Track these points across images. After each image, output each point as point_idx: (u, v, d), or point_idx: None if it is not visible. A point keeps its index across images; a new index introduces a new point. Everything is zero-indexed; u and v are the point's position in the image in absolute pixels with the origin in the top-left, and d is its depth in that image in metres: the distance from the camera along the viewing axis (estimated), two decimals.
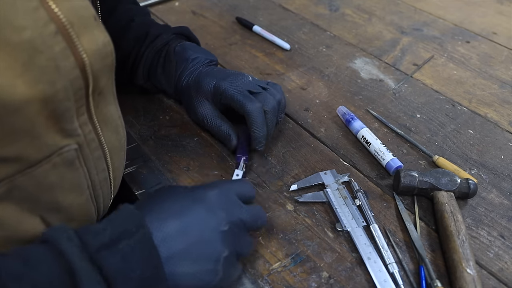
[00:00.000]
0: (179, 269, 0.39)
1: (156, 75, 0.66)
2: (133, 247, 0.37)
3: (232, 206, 0.43)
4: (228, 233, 0.41)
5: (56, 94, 0.34)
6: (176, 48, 0.65)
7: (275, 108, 0.59)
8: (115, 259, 0.35)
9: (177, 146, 0.63)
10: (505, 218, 0.55)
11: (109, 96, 0.43)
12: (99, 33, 0.37)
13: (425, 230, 0.54)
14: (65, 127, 0.37)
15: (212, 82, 0.60)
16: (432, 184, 0.55)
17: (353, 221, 0.53)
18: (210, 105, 0.61)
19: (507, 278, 0.49)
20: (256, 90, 0.59)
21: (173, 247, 0.39)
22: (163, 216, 0.40)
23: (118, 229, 0.37)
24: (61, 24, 0.34)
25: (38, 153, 0.36)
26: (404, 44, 0.88)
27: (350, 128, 0.66)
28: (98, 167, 0.43)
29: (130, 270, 0.36)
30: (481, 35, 0.91)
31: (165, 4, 0.98)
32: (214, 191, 0.44)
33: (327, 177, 0.58)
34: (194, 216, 0.41)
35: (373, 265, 0.49)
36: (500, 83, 0.78)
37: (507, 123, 0.70)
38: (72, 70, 0.35)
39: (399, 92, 0.75)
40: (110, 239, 0.36)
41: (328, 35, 0.90)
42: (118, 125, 0.46)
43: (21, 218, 0.39)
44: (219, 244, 0.41)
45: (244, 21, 0.91)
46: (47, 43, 0.32)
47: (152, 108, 0.70)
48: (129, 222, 0.38)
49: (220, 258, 0.40)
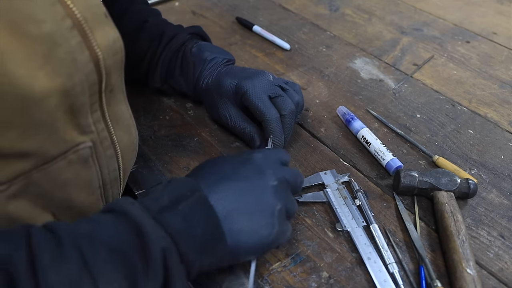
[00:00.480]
0: (237, 225, 0.40)
1: (174, 76, 0.67)
2: (192, 208, 0.39)
3: (275, 166, 0.46)
4: (277, 188, 0.43)
5: (74, 88, 0.35)
6: (193, 49, 0.66)
7: (293, 111, 0.60)
8: (176, 219, 0.38)
9: (177, 146, 0.63)
10: (505, 218, 0.55)
11: (119, 95, 0.44)
12: (110, 29, 0.39)
13: (425, 230, 0.54)
14: (80, 123, 0.38)
15: (234, 82, 0.60)
16: (432, 184, 0.55)
17: (353, 221, 0.53)
18: (233, 106, 0.62)
19: (507, 278, 0.49)
20: (276, 93, 0.59)
21: (228, 205, 0.41)
22: (215, 179, 0.42)
23: (174, 194, 0.40)
24: (76, 19, 0.35)
25: (55, 148, 0.37)
26: (404, 44, 0.88)
27: (350, 128, 0.66)
28: (110, 166, 0.44)
29: (192, 229, 0.38)
30: (481, 35, 0.91)
31: (165, 4, 0.98)
32: (259, 154, 0.46)
33: (327, 177, 0.58)
34: (244, 175, 0.43)
35: (373, 265, 0.49)
36: (500, 83, 0.78)
37: (507, 123, 0.70)
38: (87, 64, 0.36)
39: (399, 92, 0.75)
40: (169, 202, 0.39)
41: (328, 35, 0.90)
42: (130, 125, 0.47)
43: (34, 214, 0.39)
44: (271, 197, 0.42)
45: (244, 21, 0.91)
46: (64, 37, 0.34)
47: (152, 108, 0.70)
48: (184, 188, 0.40)
49: (275, 211, 0.42)
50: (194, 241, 0.38)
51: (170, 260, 0.36)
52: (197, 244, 0.38)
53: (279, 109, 0.59)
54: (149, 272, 0.35)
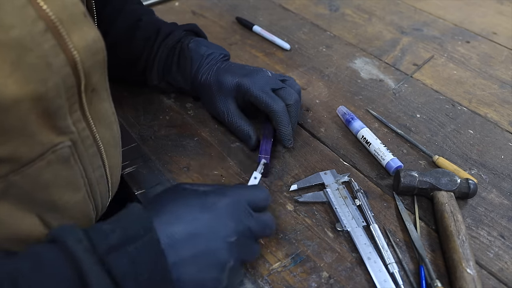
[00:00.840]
0: (185, 275, 0.39)
1: (171, 72, 0.67)
2: (140, 251, 0.36)
3: (241, 215, 0.43)
4: (234, 244, 0.41)
5: (48, 92, 0.34)
6: (190, 45, 0.65)
7: (298, 101, 0.61)
8: (123, 262, 0.35)
9: (177, 146, 0.63)
10: (505, 218, 0.55)
11: (103, 93, 0.43)
12: (89, 29, 0.37)
13: (425, 230, 0.54)
14: (58, 125, 0.37)
15: (234, 79, 0.61)
16: (432, 184, 0.55)
17: (353, 221, 0.53)
18: (232, 103, 0.62)
19: (507, 278, 0.49)
20: (278, 86, 0.61)
21: (180, 253, 0.39)
22: (171, 221, 0.40)
23: (126, 232, 0.37)
24: (50, 21, 0.33)
25: (32, 151, 0.36)
26: (404, 44, 0.88)
27: (350, 128, 0.66)
28: (93, 164, 0.43)
29: (138, 274, 0.36)
30: (481, 35, 0.91)
31: (165, 4, 0.98)
32: (225, 200, 0.43)
33: (327, 177, 0.58)
34: (202, 224, 0.41)
35: (373, 265, 0.49)
36: (500, 83, 0.78)
37: (507, 123, 0.70)
38: (63, 67, 0.35)
39: (399, 92, 0.75)
40: (118, 241, 0.36)
41: (328, 35, 0.90)
42: (112, 122, 0.46)
43: (17, 217, 0.39)
44: (225, 254, 0.40)
45: (244, 21, 0.91)
46: (36, 41, 0.32)
47: (152, 108, 0.70)
48: (137, 225, 0.38)
49: (226, 268, 0.40)
50: (139, 286, 0.36)
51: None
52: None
53: (284, 100, 0.60)
54: None
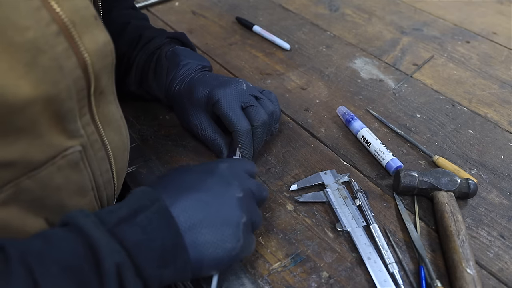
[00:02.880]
0: (201, 238, 0.39)
1: (148, 80, 0.64)
2: (151, 218, 0.37)
3: (241, 177, 0.45)
4: (243, 200, 0.42)
5: (59, 94, 0.34)
6: (168, 53, 0.63)
7: (266, 123, 0.57)
8: (134, 231, 0.36)
9: (177, 146, 0.63)
10: (505, 218, 0.55)
11: (110, 96, 0.43)
12: (100, 32, 0.38)
13: (425, 230, 0.54)
14: (68, 128, 0.37)
15: (206, 90, 0.58)
16: (432, 184, 0.55)
17: (353, 221, 0.53)
18: (204, 115, 0.59)
19: (507, 278, 0.49)
20: (249, 103, 0.57)
21: (192, 217, 0.39)
22: (178, 190, 0.41)
23: (133, 205, 0.38)
24: (63, 24, 0.34)
25: (42, 154, 0.36)
26: (404, 44, 0.88)
27: (350, 128, 0.66)
28: (101, 168, 0.43)
29: (150, 241, 0.36)
30: (481, 35, 0.91)
31: (165, 4, 0.98)
32: (225, 164, 0.45)
33: (327, 177, 0.58)
34: (209, 186, 0.42)
35: (373, 265, 0.49)
36: (500, 83, 0.78)
37: (507, 123, 0.70)
38: (75, 70, 0.35)
39: (399, 92, 0.75)
40: (127, 214, 0.37)
41: (328, 35, 0.90)
42: (121, 125, 0.46)
43: (25, 220, 0.39)
44: (237, 209, 0.41)
45: (244, 21, 0.91)
46: (49, 43, 0.33)
47: (152, 108, 0.70)
48: (143, 198, 0.39)
49: (240, 224, 0.41)
50: (152, 254, 0.36)
51: (125, 275, 0.34)
52: (156, 257, 0.36)
53: (251, 120, 0.56)
54: (104, 287, 0.33)
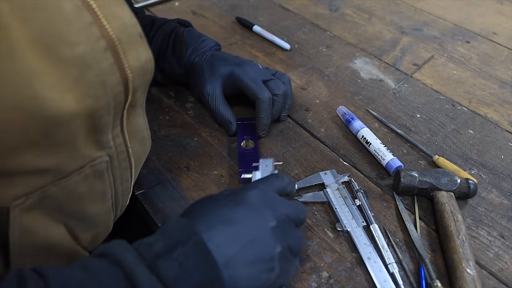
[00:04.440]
0: (237, 273, 0.38)
1: (166, 56, 0.68)
2: (188, 254, 0.36)
3: (275, 202, 0.42)
4: (277, 229, 0.40)
5: (100, 109, 0.35)
6: (185, 32, 0.68)
7: (286, 92, 0.64)
8: (172, 266, 0.35)
9: (177, 146, 0.63)
10: (505, 218, 0.55)
11: (139, 108, 0.44)
12: (144, 50, 0.39)
13: (425, 230, 0.54)
14: (100, 140, 0.38)
15: (228, 67, 0.63)
16: (432, 184, 0.55)
17: (353, 221, 0.53)
18: (220, 88, 0.64)
19: (507, 278, 0.49)
20: (268, 77, 0.64)
21: (227, 252, 0.38)
22: (210, 223, 0.39)
23: (170, 240, 0.37)
24: (111, 40, 0.35)
25: (73, 164, 0.37)
26: (404, 44, 0.88)
27: (350, 128, 0.66)
28: (123, 177, 0.44)
29: (189, 276, 0.35)
30: (481, 35, 0.91)
31: (165, 4, 0.98)
32: (254, 191, 0.42)
33: (327, 177, 0.58)
34: (241, 218, 0.40)
35: (373, 265, 0.48)
36: (500, 83, 0.78)
37: (507, 123, 0.70)
38: (117, 85, 0.36)
39: (399, 92, 0.75)
40: (164, 249, 0.36)
41: (328, 35, 0.90)
42: (145, 137, 0.47)
43: (47, 226, 0.39)
44: (271, 240, 0.40)
45: (244, 21, 0.91)
46: (97, 59, 0.33)
47: (152, 108, 0.70)
48: (179, 231, 0.38)
49: (275, 255, 0.39)
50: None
51: None
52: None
53: (272, 90, 0.63)
54: None
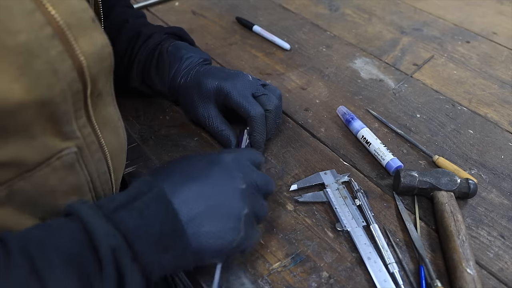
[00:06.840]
0: (202, 229, 0.39)
1: (150, 75, 0.65)
2: (148, 204, 0.37)
3: (246, 169, 0.44)
4: (246, 192, 0.42)
5: (54, 98, 0.34)
6: (169, 48, 0.64)
7: (278, 106, 0.60)
8: (131, 216, 0.36)
9: (177, 146, 0.63)
10: (505, 218, 0.55)
11: (107, 98, 0.43)
12: (98, 35, 0.37)
13: (425, 230, 0.54)
14: (63, 130, 0.37)
15: (214, 83, 0.59)
16: (432, 184, 0.55)
17: (353, 221, 0.53)
18: (213, 107, 0.61)
19: (507, 278, 0.49)
20: (259, 91, 0.60)
21: (194, 208, 0.39)
22: (181, 181, 0.41)
23: (132, 192, 0.38)
24: (58, 27, 0.33)
25: (36, 156, 0.36)
26: (404, 44, 0.88)
27: (350, 128, 0.66)
28: (99, 169, 0.43)
29: (148, 226, 0.36)
30: (481, 35, 0.91)
31: (165, 4, 0.98)
32: (229, 155, 0.45)
33: (327, 177, 0.58)
34: (211, 178, 0.42)
35: (373, 265, 0.49)
36: (500, 83, 0.78)
37: (507, 123, 0.70)
38: (70, 73, 0.35)
39: (399, 92, 0.75)
40: (125, 200, 0.37)
41: (328, 35, 0.90)
42: (118, 127, 0.46)
43: (21, 221, 0.39)
44: (239, 202, 0.41)
45: (244, 21, 0.91)
46: (43, 46, 0.32)
47: (152, 108, 0.70)
48: (142, 186, 0.39)
49: (241, 216, 0.41)
50: (150, 239, 0.36)
51: (122, 259, 0.34)
52: (155, 242, 0.36)
53: (264, 105, 0.59)
54: (102, 272, 0.34)
